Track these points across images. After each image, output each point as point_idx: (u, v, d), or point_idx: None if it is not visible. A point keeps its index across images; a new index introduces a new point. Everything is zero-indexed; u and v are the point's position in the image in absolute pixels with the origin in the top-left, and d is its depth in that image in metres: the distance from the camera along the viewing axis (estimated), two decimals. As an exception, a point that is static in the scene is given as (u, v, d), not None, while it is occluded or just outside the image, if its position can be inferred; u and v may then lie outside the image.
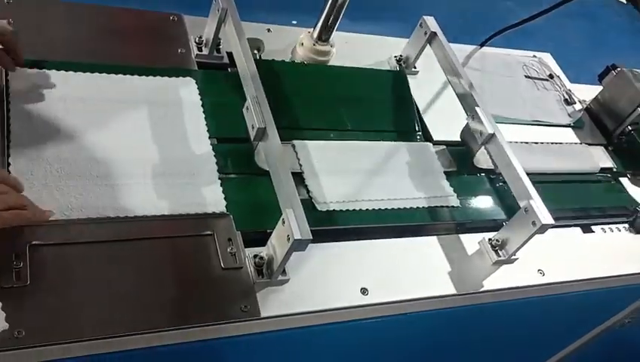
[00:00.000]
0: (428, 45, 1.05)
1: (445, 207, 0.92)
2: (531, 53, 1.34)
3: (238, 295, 0.71)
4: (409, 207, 0.90)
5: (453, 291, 0.83)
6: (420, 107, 1.06)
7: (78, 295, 0.64)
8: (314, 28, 1.01)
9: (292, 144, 0.89)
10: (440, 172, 0.97)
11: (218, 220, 0.76)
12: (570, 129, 1.21)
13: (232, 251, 0.73)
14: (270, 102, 0.79)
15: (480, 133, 0.93)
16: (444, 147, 1.02)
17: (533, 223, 0.82)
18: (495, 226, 0.93)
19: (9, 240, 0.64)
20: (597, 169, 1.15)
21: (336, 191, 0.86)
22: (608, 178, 1.16)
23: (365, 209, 0.86)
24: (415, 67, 1.10)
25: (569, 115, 1.23)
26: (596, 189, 1.13)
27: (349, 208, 0.85)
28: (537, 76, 1.29)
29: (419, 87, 1.08)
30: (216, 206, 0.77)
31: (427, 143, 1.01)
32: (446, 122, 1.03)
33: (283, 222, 0.69)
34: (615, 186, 1.15)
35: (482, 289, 0.85)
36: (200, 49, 0.94)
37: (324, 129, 0.95)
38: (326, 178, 0.87)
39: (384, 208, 0.88)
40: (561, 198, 1.04)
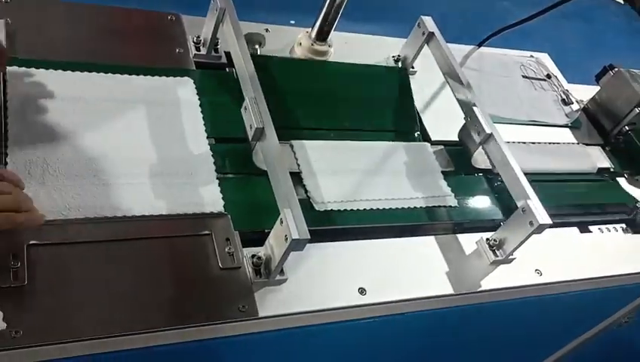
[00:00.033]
0: (426, 45, 1.05)
1: (443, 207, 0.93)
2: (529, 53, 1.34)
3: (236, 295, 0.70)
4: (407, 207, 0.90)
5: (450, 291, 0.83)
6: (418, 107, 1.06)
7: (76, 295, 0.64)
8: (312, 28, 1.01)
9: (290, 144, 0.90)
10: (438, 172, 0.97)
11: (216, 220, 0.76)
12: (567, 129, 1.21)
13: (230, 251, 0.73)
14: (269, 98, 0.79)
15: (477, 133, 0.93)
16: (441, 147, 1.02)
17: (530, 223, 0.82)
18: (493, 226, 0.93)
19: (6, 239, 0.64)
20: (594, 169, 1.15)
21: (334, 191, 0.86)
22: (605, 178, 1.16)
23: (363, 209, 0.86)
24: (413, 67, 1.10)
25: (566, 115, 1.23)
26: (594, 188, 1.13)
27: (347, 208, 0.85)
28: (535, 76, 1.29)
29: (416, 87, 1.08)
30: (214, 206, 0.77)
31: (425, 143, 1.01)
32: (444, 122, 1.04)
33: (281, 222, 0.69)
34: (613, 185, 1.16)
35: (480, 289, 0.85)
36: (198, 49, 0.94)
37: (323, 129, 0.95)
38: (324, 178, 0.87)
39: (382, 208, 0.88)
40: (558, 198, 1.04)
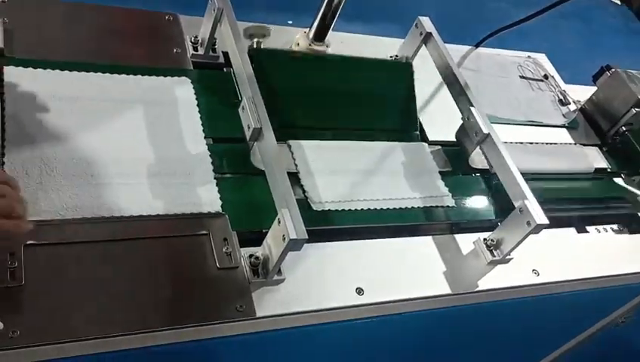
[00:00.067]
0: (423, 45, 1.05)
1: (440, 207, 0.93)
2: (526, 53, 1.34)
3: (234, 295, 0.70)
4: (404, 207, 0.90)
5: (448, 291, 0.83)
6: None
7: (74, 295, 0.64)
8: (310, 28, 1.01)
9: (288, 144, 0.90)
10: (435, 172, 0.97)
11: (214, 220, 0.76)
12: (564, 129, 1.22)
13: (228, 251, 0.73)
14: (269, 94, 0.79)
15: (475, 134, 0.93)
16: (439, 147, 1.02)
17: (527, 223, 0.83)
18: (490, 226, 0.93)
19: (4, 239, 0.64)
20: (591, 169, 1.15)
21: (331, 191, 0.86)
22: (602, 178, 1.17)
23: (361, 209, 0.86)
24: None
25: (563, 116, 1.24)
26: (592, 186, 1.14)
27: (345, 208, 0.85)
28: (532, 77, 1.29)
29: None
30: (211, 206, 0.77)
31: (422, 143, 1.01)
32: (441, 122, 1.04)
33: (279, 222, 0.69)
34: (611, 183, 1.16)
35: (477, 289, 0.85)
36: (195, 49, 0.94)
37: (321, 128, 0.95)
38: (321, 178, 0.87)
39: (379, 208, 0.88)
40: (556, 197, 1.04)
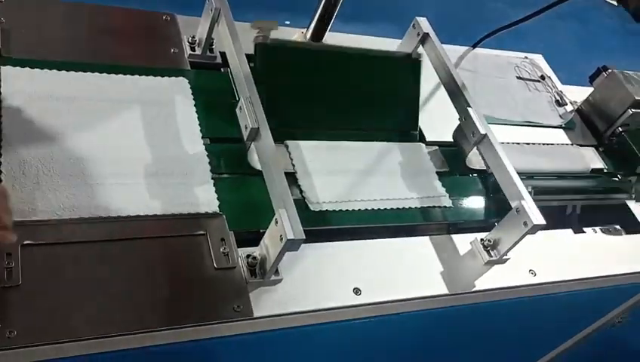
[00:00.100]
0: (420, 46, 1.05)
1: (438, 208, 0.93)
2: (523, 54, 1.35)
3: (231, 295, 0.70)
4: (402, 208, 0.90)
5: (445, 291, 0.83)
6: (413, 108, 1.06)
7: (71, 295, 0.64)
8: (307, 28, 1.01)
9: (285, 144, 0.90)
10: (432, 172, 0.97)
11: (211, 220, 0.76)
12: (561, 130, 1.22)
13: (225, 251, 0.73)
14: (270, 89, 0.78)
15: (472, 134, 0.93)
16: (436, 147, 1.02)
17: (524, 224, 0.83)
18: (487, 226, 0.93)
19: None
20: (588, 170, 1.15)
21: (329, 191, 0.86)
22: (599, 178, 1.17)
23: (358, 209, 0.86)
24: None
25: (560, 116, 1.24)
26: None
27: (342, 208, 0.85)
28: (529, 77, 1.29)
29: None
30: (209, 206, 0.77)
31: (420, 144, 1.01)
32: (438, 123, 1.04)
33: (276, 222, 0.69)
34: (607, 183, 1.17)
35: (474, 289, 0.85)
36: (193, 49, 0.94)
37: (322, 128, 0.94)
38: (319, 178, 0.87)
39: (377, 208, 0.88)
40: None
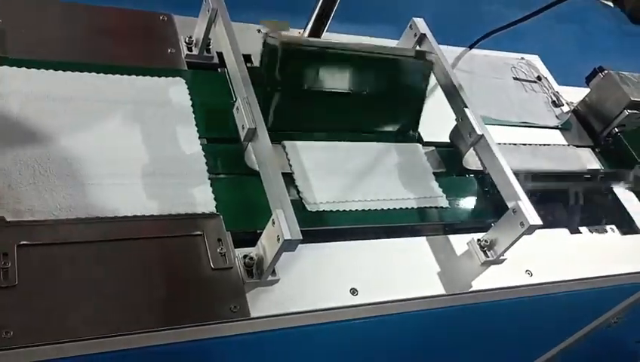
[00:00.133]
0: (417, 47, 1.05)
1: (434, 208, 0.93)
2: (520, 55, 1.35)
3: (228, 295, 0.70)
4: (398, 208, 0.90)
5: (441, 291, 0.83)
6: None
7: (67, 295, 0.64)
8: (304, 29, 1.01)
9: (282, 144, 0.90)
10: (429, 173, 0.97)
11: (208, 220, 0.75)
12: (557, 131, 1.22)
13: (222, 251, 0.73)
14: (278, 93, 0.78)
15: (469, 135, 0.93)
16: (433, 148, 1.02)
17: (521, 224, 0.83)
18: (484, 227, 0.93)
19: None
20: (584, 170, 1.16)
21: (326, 191, 0.86)
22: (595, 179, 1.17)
23: (355, 209, 0.87)
24: (404, 68, 1.10)
25: (557, 117, 1.24)
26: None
27: (339, 209, 0.85)
28: (525, 78, 1.30)
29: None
30: (205, 206, 0.77)
31: (417, 144, 1.01)
32: (435, 123, 1.04)
33: (273, 223, 0.69)
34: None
35: (471, 289, 0.85)
36: (190, 49, 0.94)
37: (323, 130, 0.94)
38: (316, 178, 0.87)
39: (374, 209, 0.88)
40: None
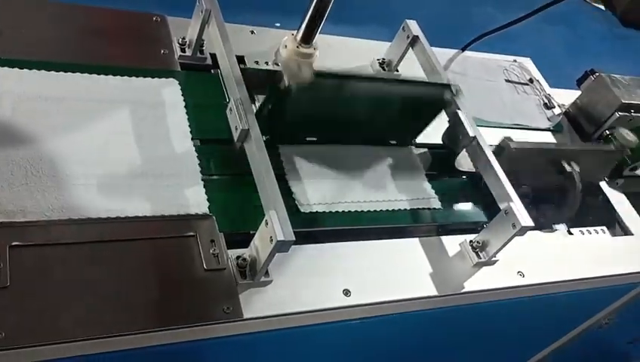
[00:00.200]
0: (410, 48, 1.06)
1: (427, 209, 0.93)
2: (512, 57, 1.35)
3: (221, 296, 0.70)
4: (391, 209, 0.90)
5: (434, 292, 0.83)
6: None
7: (60, 296, 0.64)
8: (297, 30, 1.01)
9: (276, 146, 0.90)
10: (422, 174, 0.98)
11: (201, 221, 0.75)
12: (549, 133, 1.23)
13: (215, 252, 0.73)
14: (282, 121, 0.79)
15: (461, 136, 0.94)
16: (425, 150, 1.02)
17: (513, 225, 0.83)
18: (476, 228, 0.94)
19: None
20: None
21: (319, 193, 0.86)
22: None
23: (348, 211, 0.87)
24: (397, 70, 1.11)
25: (548, 119, 1.25)
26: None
27: (332, 210, 0.85)
28: (518, 80, 1.30)
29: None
30: (198, 207, 0.77)
31: (409, 146, 1.01)
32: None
33: (266, 224, 0.69)
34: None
35: (463, 290, 0.86)
36: (183, 50, 0.94)
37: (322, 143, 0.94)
38: (309, 180, 0.87)
39: (366, 210, 0.88)
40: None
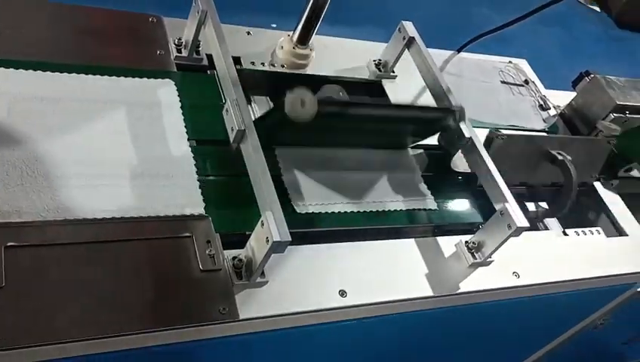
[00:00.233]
0: (406, 50, 1.06)
1: (423, 210, 0.93)
2: (507, 59, 1.36)
3: (217, 297, 0.70)
4: (387, 210, 0.90)
5: (429, 293, 0.84)
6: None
7: (55, 297, 0.64)
8: (293, 31, 1.01)
9: (272, 147, 0.90)
10: (418, 175, 0.98)
11: (197, 222, 0.75)
12: (544, 134, 1.23)
13: (211, 253, 0.73)
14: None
15: (457, 137, 0.94)
16: (421, 151, 1.03)
17: (508, 226, 0.83)
18: (472, 229, 0.94)
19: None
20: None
21: (315, 193, 0.86)
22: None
23: (344, 211, 0.87)
24: (393, 71, 1.11)
25: (544, 120, 1.25)
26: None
27: (328, 211, 0.86)
28: (513, 82, 1.31)
29: (396, 92, 1.09)
30: (194, 208, 0.77)
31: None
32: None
33: (262, 224, 0.69)
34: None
35: (458, 291, 0.86)
36: (179, 51, 0.94)
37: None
38: (305, 181, 0.87)
39: (362, 211, 0.88)
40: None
